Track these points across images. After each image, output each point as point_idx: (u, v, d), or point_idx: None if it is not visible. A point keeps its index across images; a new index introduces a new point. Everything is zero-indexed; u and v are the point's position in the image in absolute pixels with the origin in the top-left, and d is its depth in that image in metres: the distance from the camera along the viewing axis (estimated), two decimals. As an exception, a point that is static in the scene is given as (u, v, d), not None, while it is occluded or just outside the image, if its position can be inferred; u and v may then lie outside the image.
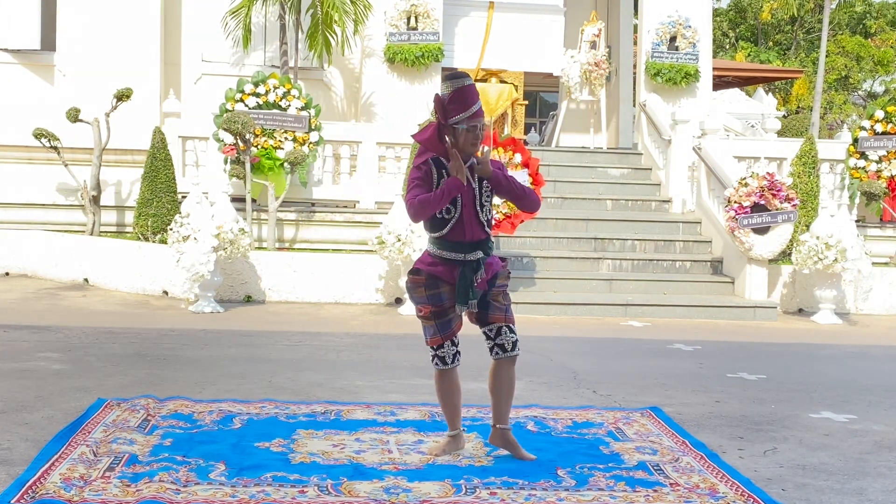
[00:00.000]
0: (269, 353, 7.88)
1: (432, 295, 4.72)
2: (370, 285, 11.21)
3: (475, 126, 4.65)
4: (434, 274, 4.71)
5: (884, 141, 13.39)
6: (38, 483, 4.26)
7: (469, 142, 4.66)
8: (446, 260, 4.70)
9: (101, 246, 11.97)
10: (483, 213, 4.73)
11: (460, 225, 4.66)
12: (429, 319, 4.75)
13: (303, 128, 12.07)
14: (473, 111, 4.64)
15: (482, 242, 4.72)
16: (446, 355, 4.79)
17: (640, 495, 4.40)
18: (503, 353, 4.79)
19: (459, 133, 4.64)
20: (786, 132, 21.58)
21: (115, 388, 6.33)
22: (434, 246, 4.73)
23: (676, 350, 8.81)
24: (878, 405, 6.64)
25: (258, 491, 4.29)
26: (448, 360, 4.79)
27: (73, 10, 13.75)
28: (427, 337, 4.81)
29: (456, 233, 4.67)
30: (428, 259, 4.76)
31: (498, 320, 4.77)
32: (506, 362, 4.81)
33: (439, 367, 4.81)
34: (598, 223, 12.51)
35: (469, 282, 4.65)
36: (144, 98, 13.35)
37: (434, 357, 4.81)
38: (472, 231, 4.68)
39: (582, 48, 15.72)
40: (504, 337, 4.78)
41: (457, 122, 4.63)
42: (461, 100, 4.63)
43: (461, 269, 4.66)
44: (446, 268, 4.69)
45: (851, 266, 10.88)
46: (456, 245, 4.68)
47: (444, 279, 4.70)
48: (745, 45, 38.36)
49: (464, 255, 4.68)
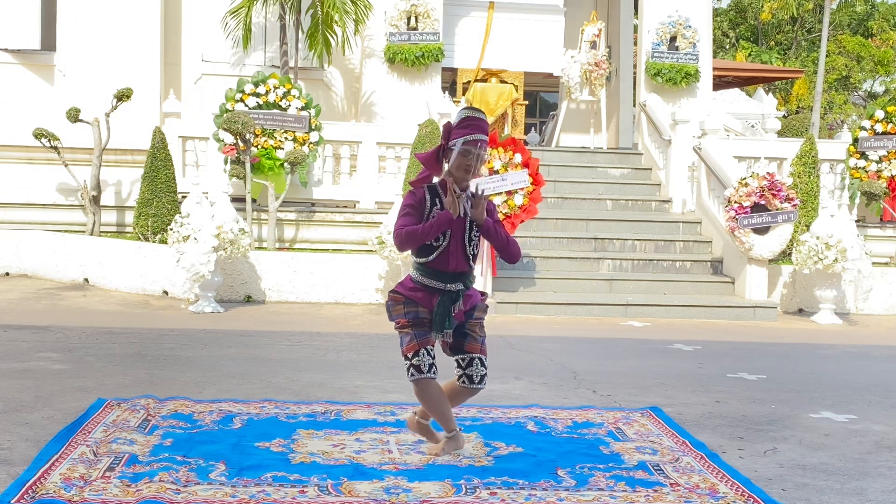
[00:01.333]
0: (269, 353, 7.88)
1: (410, 312, 4.73)
2: (370, 285, 11.21)
3: (468, 151, 4.63)
4: (413, 299, 4.73)
5: (884, 141, 13.40)
6: (38, 483, 4.26)
7: (461, 166, 4.64)
8: (426, 287, 4.71)
9: (101, 246, 11.97)
10: (470, 247, 4.74)
11: (445, 255, 4.67)
12: (406, 328, 4.72)
13: (303, 128, 12.07)
14: (473, 138, 4.65)
15: (464, 274, 4.74)
16: (422, 363, 4.68)
17: (641, 495, 4.40)
18: (469, 383, 4.84)
19: (455, 155, 4.64)
20: (786, 132, 21.56)
21: (115, 388, 6.33)
22: (417, 272, 4.74)
23: (676, 350, 8.81)
24: (878, 405, 6.64)
25: (258, 491, 4.29)
26: (424, 368, 4.68)
27: (73, 10, 13.76)
28: (403, 346, 4.74)
29: (440, 261, 4.68)
30: (409, 284, 4.77)
31: (473, 350, 4.81)
32: (468, 392, 4.88)
33: (415, 376, 4.69)
34: (598, 223, 12.51)
35: (446, 310, 4.67)
36: (144, 98, 13.36)
37: (409, 367, 4.70)
38: (456, 262, 4.70)
39: (582, 48, 15.73)
40: (475, 369, 4.83)
41: (454, 144, 4.66)
42: (466, 125, 4.68)
43: (440, 298, 4.68)
44: (426, 294, 4.71)
45: (851, 266, 10.88)
46: (438, 274, 4.69)
47: (423, 305, 4.71)
48: (746, 45, 38.36)
49: (444, 285, 4.69)
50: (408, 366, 4.73)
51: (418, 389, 4.73)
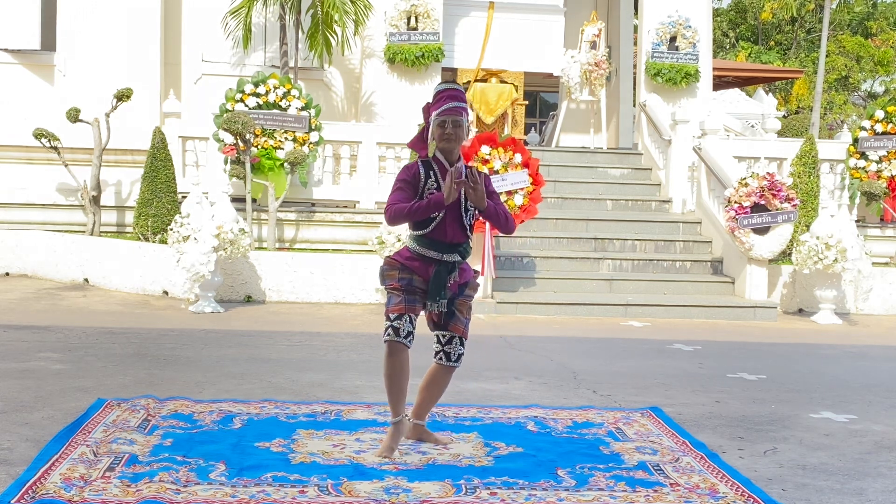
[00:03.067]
0: (269, 353, 7.88)
1: (404, 279, 4.78)
2: (370, 285, 11.21)
3: (443, 121, 4.72)
4: (409, 267, 4.78)
5: (884, 141, 13.39)
6: (38, 483, 4.26)
7: (441, 137, 4.73)
8: (423, 257, 4.77)
9: (101, 246, 11.97)
10: (467, 217, 4.80)
11: (442, 225, 4.73)
12: (398, 291, 4.76)
13: (303, 128, 12.07)
14: (445, 107, 4.72)
15: (461, 245, 4.81)
16: (401, 328, 4.71)
17: (641, 495, 4.40)
18: (446, 360, 4.91)
19: (432, 129, 4.76)
20: (786, 132, 21.58)
21: (115, 388, 6.33)
22: (414, 242, 4.80)
23: (676, 350, 8.81)
24: (878, 405, 6.64)
25: (258, 491, 4.29)
26: (402, 333, 4.70)
27: (73, 10, 13.76)
28: (389, 305, 4.77)
29: (437, 232, 4.73)
30: (406, 253, 4.83)
31: (456, 331, 4.88)
32: (445, 369, 4.94)
33: (391, 337, 4.71)
34: (598, 223, 12.51)
35: (443, 281, 4.74)
36: (144, 98, 13.36)
37: (388, 329, 4.73)
38: (453, 233, 4.76)
39: (582, 48, 15.73)
40: (453, 347, 4.89)
41: (431, 120, 4.78)
42: (437, 99, 4.80)
43: (436, 268, 4.74)
44: (422, 264, 4.77)
45: (851, 266, 10.88)
46: (435, 244, 4.75)
47: (419, 274, 4.77)
48: (746, 45, 38.36)
49: (441, 255, 4.76)
50: (387, 326, 4.75)
51: (388, 352, 4.75)
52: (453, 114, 4.73)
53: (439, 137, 4.75)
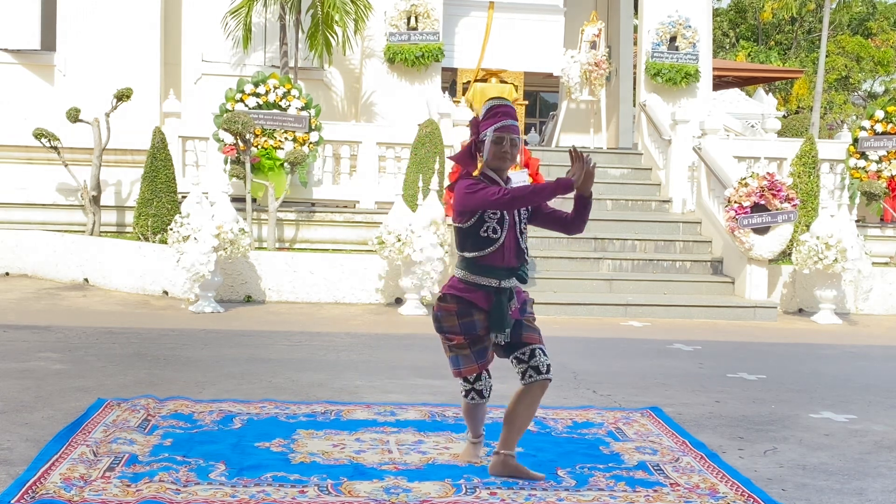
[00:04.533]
0: (269, 353, 7.88)
1: (465, 323, 4.46)
2: (370, 285, 11.21)
3: (501, 138, 4.44)
4: (469, 300, 4.45)
5: (884, 141, 13.39)
6: (38, 483, 4.26)
7: (497, 154, 4.46)
8: (479, 286, 4.46)
9: (101, 246, 11.97)
10: (522, 239, 4.53)
11: (501, 249, 4.43)
12: (464, 348, 4.48)
13: (303, 128, 12.07)
14: (503, 124, 4.46)
15: (516, 270, 4.50)
16: (483, 389, 4.61)
17: (641, 495, 4.40)
18: (538, 374, 4.46)
19: (488, 145, 4.47)
20: (786, 132, 21.56)
21: (115, 388, 6.33)
22: (466, 271, 4.49)
23: (676, 350, 8.81)
24: (878, 405, 6.64)
25: (258, 491, 4.29)
26: (486, 394, 4.64)
27: (73, 10, 13.76)
28: (461, 367, 4.52)
29: (495, 257, 4.43)
30: (460, 285, 4.50)
31: (534, 340, 4.50)
32: (539, 385, 4.47)
33: (475, 400, 4.64)
34: (598, 223, 12.49)
35: (504, 311, 4.43)
36: (144, 98, 13.36)
37: (471, 391, 4.61)
38: (510, 257, 4.46)
39: (582, 48, 15.73)
40: (539, 359, 4.47)
41: (485, 135, 4.48)
42: (493, 114, 4.51)
43: (496, 297, 4.44)
44: (482, 293, 4.45)
45: (851, 266, 10.88)
46: (492, 270, 4.44)
47: (479, 306, 4.45)
48: (746, 44, 38.37)
49: (499, 282, 4.45)
50: (468, 389, 4.63)
51: (471, 409, 4.72)
52: (512, 132, 4.47)
53: (494, 154, 4.46)
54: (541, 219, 4.63)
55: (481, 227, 4.43)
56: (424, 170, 11.56)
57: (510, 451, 4.56)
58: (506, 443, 4.57)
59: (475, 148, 4.55)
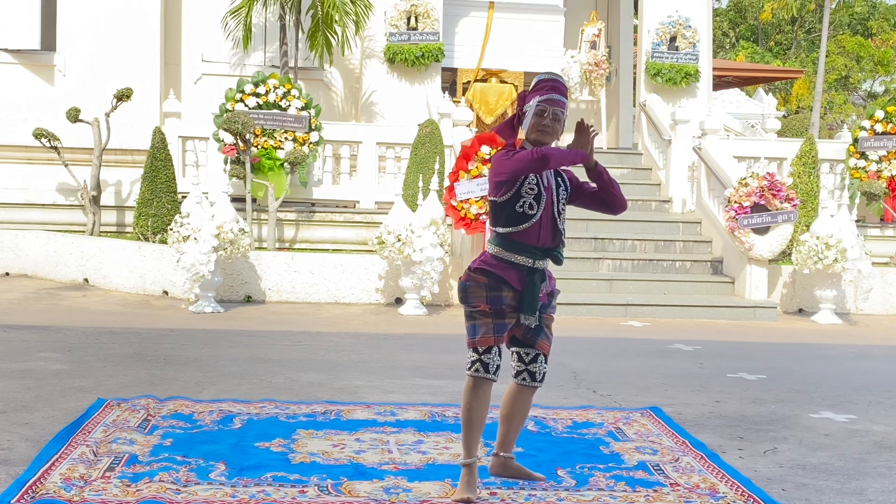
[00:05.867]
0: (269, 353, 7.88)
1: (493, 297, 4.26)
2: (370, 285, 11.21)
3: (543, 109, 4.29)
4: (502, 277, 4.26)
5: (884, 141, 13.39)
6: (38, 483, 4.26)
7: (537, 126, 4.31)
8: (514, 265, 4.28)
9: (101, 246, 11.97)
10: (560, 220, 4.38)
11: (537, 226, 4.28)
12: (486, 316, 4.26)
13: (303, 128, 12.07)
14: (548, 97, 4.31)
15: (552, 250, 4.34)
16: (491, 363, 4.27)
17: (640, 495, 4.40)
18: (531, 380, 4.42)
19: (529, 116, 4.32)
20: (786, 132, 21.56)
21: (115, 388, 6.33)
22: (500, 247, 4.30)
23: (676, 350, 8.81)
24: (878, 405, 6.64)
25: (258, 491, 4.29)
26: (491, 369, 4.27)
27: (73, 10, 13.76)
28: (476, 336, 4.27)
29: (530, 234, 4.27)
30: (493, 261, 4.31)
31: (543, 349, 4.40)
32: (529, 390, 4.46)
33: (479, 374, 4.27)
34: (598, 223, 12.49)
35: (537, 292, 4.27)
36: (144, 98, 13.36)
37: (476, 363, 4.27)
38: (546, 236, 4.30)
39: (582, 48, 15.73)
40: (538, 365, 4.41)
41: (529, 106, 4.34)
42: (541, 87, 4.37)
43: (529, 278, 4.27)
44: (515, 273, 4.27)
45: (851, 266, 10.88)
46: (526, 248, 4.27)
47: (512, 284, 4.26)
48: (746, 44, 38.37)
49: (533, 262, 4.28)
50: (474, 359, 4.29)
51: (472, 385, 4.31)
52: (556, 105, 4.30)
53: (534, 126, 4.30)
54: (584, 198, 4.55)
55: (517, 201, 4.28)
56: (424, 170, 11.56)
57: (509, 452, 4.54)
58: (504, 444, 4.52)
59: (517, 121, 4.39)
